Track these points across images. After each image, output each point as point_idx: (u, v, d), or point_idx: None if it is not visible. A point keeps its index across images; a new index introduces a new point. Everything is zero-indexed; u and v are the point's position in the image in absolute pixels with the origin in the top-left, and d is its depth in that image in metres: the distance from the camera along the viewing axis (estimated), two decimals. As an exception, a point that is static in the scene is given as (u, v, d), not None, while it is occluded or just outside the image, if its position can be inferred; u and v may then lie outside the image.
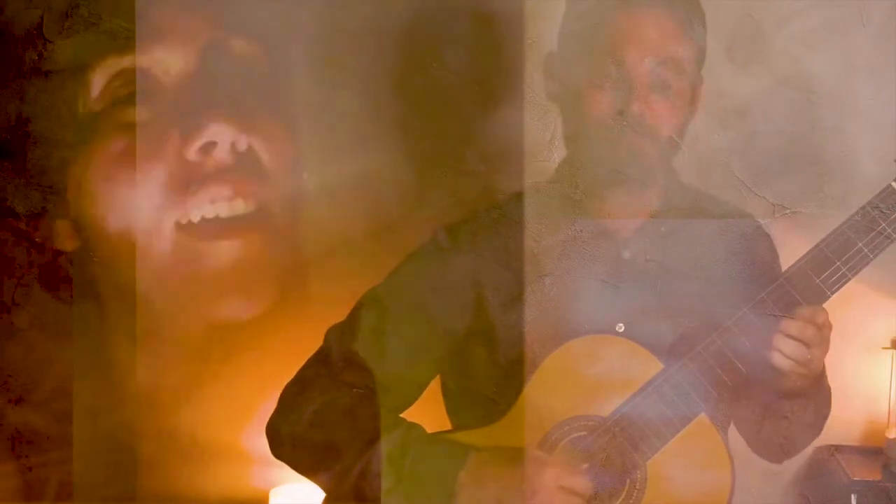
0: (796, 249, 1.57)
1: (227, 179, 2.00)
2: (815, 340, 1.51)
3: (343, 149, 2.08)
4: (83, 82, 1.95)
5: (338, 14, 2.03)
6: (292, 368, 1.68)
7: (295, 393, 1.65)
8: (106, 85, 1.95)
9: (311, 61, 2.06)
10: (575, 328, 1.61)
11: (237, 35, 2.02)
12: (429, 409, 1.70)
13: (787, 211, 1.79)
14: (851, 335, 2.03)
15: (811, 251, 1.54)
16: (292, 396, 1.65)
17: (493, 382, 1.64)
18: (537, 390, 1.59)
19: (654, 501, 1.56)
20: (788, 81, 1.89)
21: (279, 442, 1.64)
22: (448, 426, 1.70)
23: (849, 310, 1.62)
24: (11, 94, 1.95)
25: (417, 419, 1.63)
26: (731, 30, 1.87)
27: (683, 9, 1.61)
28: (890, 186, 1.53)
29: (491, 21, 1.95)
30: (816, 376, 1.58)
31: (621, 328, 1.62)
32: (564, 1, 1.66)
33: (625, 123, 1.58)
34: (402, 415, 1.65)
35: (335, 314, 1.69)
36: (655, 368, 1.57)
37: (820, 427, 1.70)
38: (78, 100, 1.96)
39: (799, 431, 1.68)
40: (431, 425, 1.63)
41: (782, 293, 1.54)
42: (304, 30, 2.05)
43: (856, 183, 1.76)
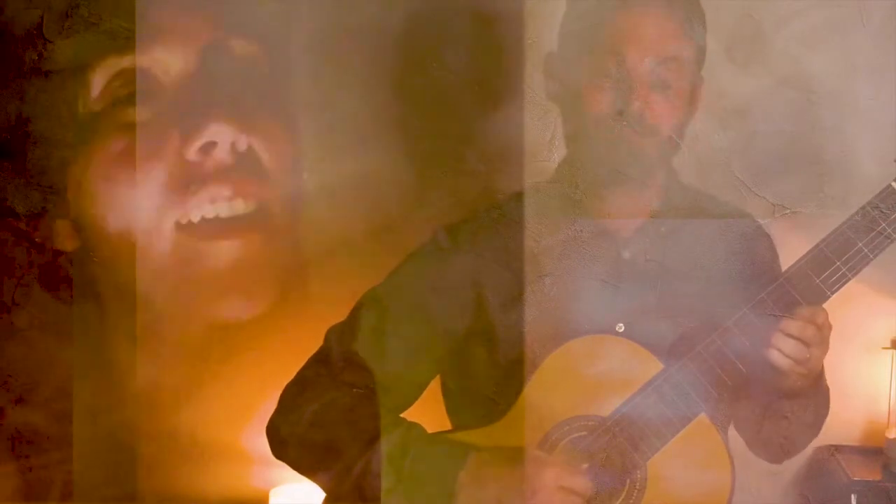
0: (796, 249, 1.57)
1: (227, 179, 2.00)
2: (815, 340, 1.51)
3: (343, 149, 2.08)
4: (83, 82, 1.95)
5: (338, 14, 2.03)
6: (292, 368, 1.68)
7: (295, 393, 1.65)
8: (106, 85, 1.95)
9: (311, 61, 2.06)
10: (575, 328, 1.61)
11: (237, 35, 2.02)
12: (429, 409, 1.70)
13: (787, 211, 1.79)
14: (851, 335, 2.03)
15: (811, 251, 1.54)
16: (292, 396, 1.65)
17: (493, 382, 1.64)
18: (537, 390, 1.59)
19: (654, 501, 1.56)
20: (788, 81, 1.89)
21: (279, 442, 1.64)
22: (448, 426, 1.70)
23: (849, 310, 1.62)
24: (11, 94, 1.95)
25: (417, 419, 1.63)
26: (731, 30, 1.87)
27: (683, 9, 1.61)
28: (890, 186, 1.53)
29: (491, 21, 1.95)
30: (816, 376, 1.59)
31: (621, 328, 1.61)
32: (565, 1, 1.66)
33: (625, 123, 1.58)
34: (402, 415, 1.65)
35: (335, 314, 1.69)
36: (655, 368, 1.57)
37: (819, 427, 1.70)
38: (78, 100, 1.96)
39: (799, 431, 1.68)
40: (431, 425, 1.63)
41: (782, 293, 1.54)
42: (304, 30, 2.05)
43: (856, 183, 1.76)
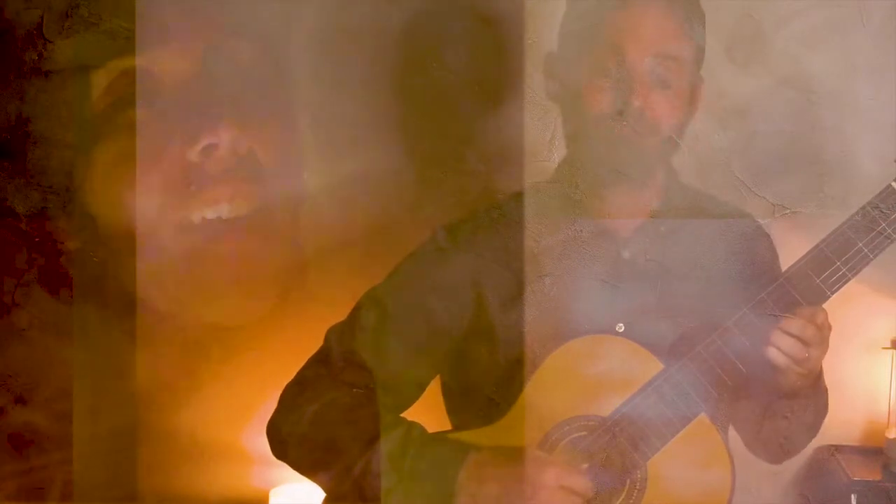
0: (796, 249, 1.57)
1: (228, 181, 2.00)
2: (815, 340, 1.51)
3: (343, 149, 2.08)
4: (86, 82, 1.95)
5: (338, 14, 2.03)
6: (292, 368, 1.68)
7: (295, 393, 1.65)
8: (109, 85, 1.95)
9: (311, 61, 2.06)
10: (575, 328, 1.61)
11: (238, 35, 2.02)
12: (429, 409, 1.70)
13: (787, 211, 1.79)
14: (851, 335, 2.03)
15: (811, 251, 1.54)
16: (293, 396, 1.65)
17: (493, 382, 1.64)
18: (537, 390, 1.59)
19: (654, 501, 1.56)
20: (788, 81, 1.89)
21: (280, 442, 1.64)
22: (448, 426, 1.70)
23: (849, 310, 1.63)
24: (11, 94, 1.95)
25: (417, 419, 1.63)
26: (731, 30, 1.87)
27: (683, 8, 1.62)
28: (890, 186, 1.53)
29: (491, 21, 1.95)
30: (815, 377, 1.59)
31: (621, 328, 1.61)
32: (565, 1, 1.66)
33: (625, 123, 1.58)
34: (403, 415, 1.65)
35: (335, 314, 1.69)
36: (655, 368, 1.57)
37: (818, 428, 1.70)
38: (79, 100, 1.96)
39: (798, 432, 1.68)
40: (431, 425, 1.63)
41: (782, 293, 1.54)
42: (304, 30, 2.05)
43: (856, 183, 1.76)
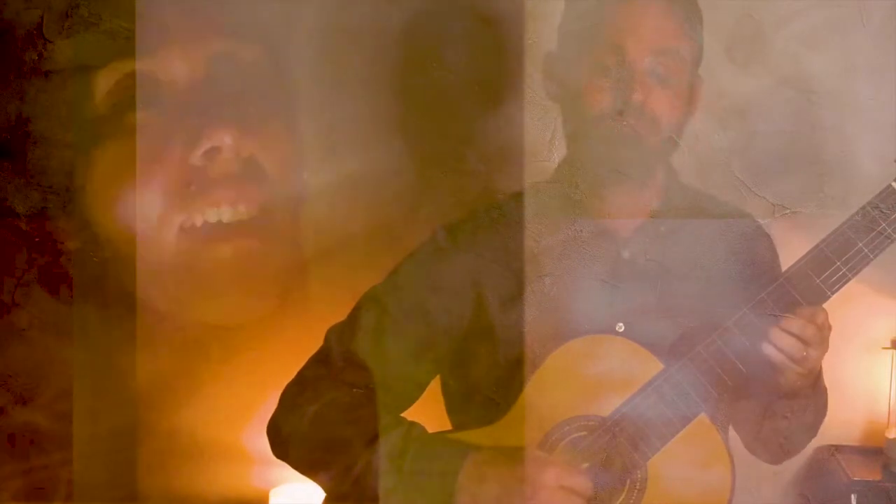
0: (796, 249, 1.57)
1: (230, 184, 1.99)
2: (815, 340, 1.51)
3: (343, 149, 2.08)
4: (86, 83, 1.95)
5: (338, 14, 2.03)
6: (292, 368, 1.68)
7: (295, 393, 1.65)
8: (112, 87, 1.95)
9: (311, 61, 2.06)
10: (575, 328, 1.61)
11: (239, 37, 2.01)
12: (429, 409, 1.70)
13: (787, 211, 1.79)
14: (851, 335, 2.03)
15: (811, 251, 1.54)
16: (293, 396, 1.65)
17: (493, 382, 1.64)
18: (537, 390, 1.59)
19: (654, 501, 1.56)
20: (788, 81, 1.89)
21: (280, 442, 1.64)
22: (448, 426, 1.70)
23: (849, 310, 1.62)
24: (11, 94, 1.95)
25: (417, 419, 1.63)
26: (731, 30, 1.87)
27: (682, 7, 1.62)
28: (890, 186, 1.53)
29: (491, 21, 1.95)
30: (814, 377, 1.59)
31: (621, 328, 1.61)
32: (564, 1, 1.66)
33: (625, 123, 1.58)
34: (403, 414, 1.65)
35: (335, 314, 1.69)
36: (655, 368, 1.57)
37: (817, 428, 1.70)
38: (79, 100, 1.95)
39: (798, 432, 1.68)
40: (431, 425, 1.63)
41: (782, 293, 1.54)
42: (305, 30, 2.05)
43: (856, 183, 1.76)
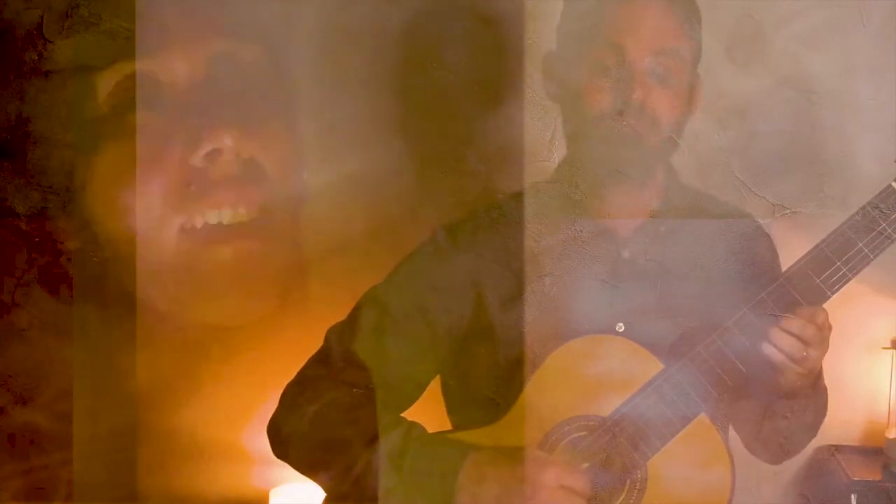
0: (796, 249, 1.57)
1: (231, 186, 1.99)
2: (815, 340, 1.51)
3: (343, 149, 2.08)
4: (86, 83, 1.95)
5: (338, 14, 2.03)
6: (293, 368, 1.68)
7: (296, 393, 1.65)
8: (113, 88, 1.95)
9: (311, 61, 2.06)
10: (575, 328, 1.61)
11: (239, 37, 2.01)
12: (429, 409, 1.70)
13: (787, 211, 1.79)
14: (851, 335, 2.03)
15: (811, 251, 1.54)
16: (293, 396, 1.65)
17: (493, 382, 1.64)
18: (537, 390, 1.59)
19: (654, 501, 1.56)
20: (788, 81, 1.89)
21: (280, 441, 1.64)
22: (448, 426, 1.70)
23: (849, 310, 1.62)
24: (11, 94, 1.95)
25: (417, 419, 1.63)
26: (731, 30, 1.87)
27: (682, 6, 1.62)
28: (890, 186, 1.53)
29: (491, 21, 1.95)
30: (815, 377, 1.58)
31: (621, 328, 1.61)
32: (563, 1, 1.66)
33: (625, 123, 1.58)
34: (403, 414, 1.65)
35: (335, 314, 1.69)
36: (655, 368, 1.57)
37: (817, 428, 1.70)
38: (79, 100, 1.95)
39: (798, 432, 1.68)
40: (431, 425, 1.63)
41: (782, 293, 1.54)
42: (305, 30, 2.05)
43: (856, 183, 1.76)
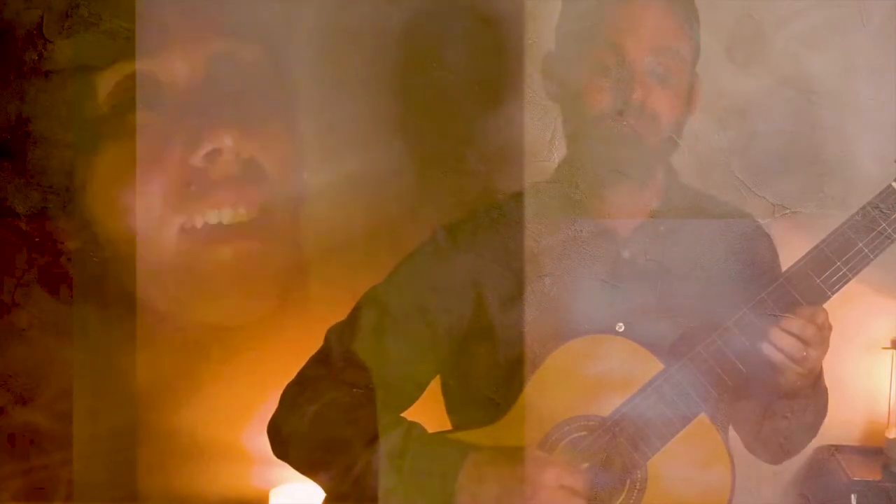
0: (796, 249, 1.57)
1: (231, 186, 1.99)
2: (815, 340, 1.51)
3: (343, 149, 2.08)
4: (86, 83, 1.95)
5: (338, 14, 2.03)
6: (293, 368, 1.68)
7: (296, 393, 1.65)
8: (114, 88, 1.94)
9: (311, 61, 2.06)
10: (575, 328, 1.61)
11: (239, 37, 2.01)
12: (429, 409, 1.70)
13: (787, 211, 1.79)
14: (851, 335, 2.03)
15: (811, 251, 1.54)
16: (293, 396, 1.65)
17: (493, 382, 1.64)
18: (537, 390, 1.59)
19: (654, 501, 1.56)
20: (788, 81, 1.89)
21: (280, 441, 1.64)
22: (448, 426, 1.70)
23: (849, 310, 1.62)
24: (11, 94, 1.95)
25: (417, 419, 1.63)
26: (731, 30, 1.87)
27: (681, 6, 1.62)
28: (890, 186, 1.53)
29: (491, 21, 1.95)
30: (815, 377, 1.58)
31: (621, 328, 1.61)
32: (561, 1, 1.66)
33: (625, 123, 1.58)
34: (403, 414, 1.65)
35: (335, 314, 1.69)
36: (655, 368, 1.57)
37: (818, 428, 1.70)
38: (79, 100, 1.95)
39: (798, 432, 1.68)
40: (431, 425, 1.63)
41: (782, 293, 1.54)
42: (305, 30, 2.04)
43: (856, 183, 1.76)
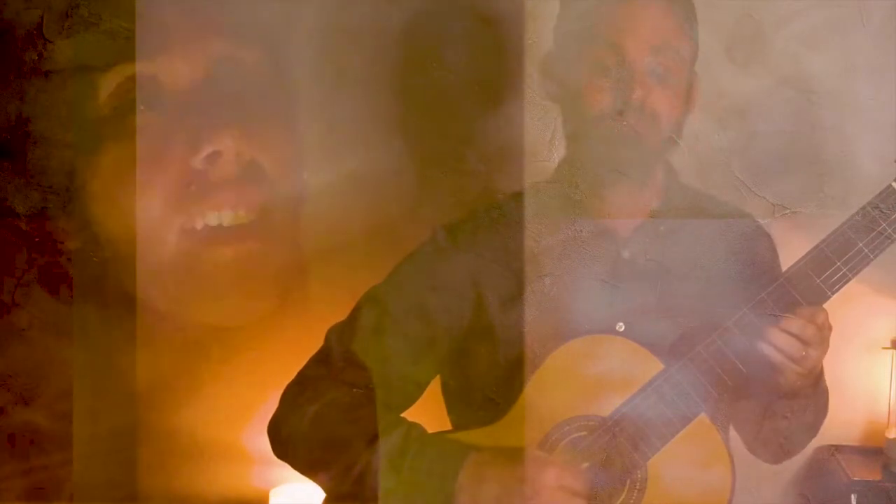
0: (796, 249, 1.57)
1: (231, 188, 1.99)
2: (815, 340, 1.51)
3: (343, 149, 2.08)
4: (86, 83, 1.95)
5: (338, 14, 2.03)
6: (293, 368, 1.68)
7: (296, 393, 1.65)
8: (115, 89, 1.94)
9: (311, 61, 2.06)
10: (575, 328, 1.61)
11: (239, 37, 2.01)
12: (429, 409, 1.70)
13: (787, 211, 1.79)
14: (851, 335, 2.03)
15: (811, 251, 1.54)
16: (293, 396, 1.65)
17: (493, 382, 1.64)
18: (537, 390, 1.59)
19: (654, 501, 1.56)
20: (788, 81, 1.89)
21: (280, 442, 1.64)
22: (448, 426, 1.70)
23: (849, 310, 1.62)
24: (11, 94, 1.95)
25: (417, 419, 1.63)
26: (731, 30, 1.87)
27: (681, 6, 1.62)
28: (890, 186, 1.53)
29: (491, 21, 1.95)
30: (815, 377, 1.58)
31: (621, 328, 1.61)
32: (559, 1, 1.66)
33: (625, 122, 1.58)
34: (403, 415, 1.65)
35: (335, 314, 1.69)
36: (655, 368, 1.57)
37: (818, 428, 1.70)
38: (79, 100, 1.95)
39: (798, 432, 1.68)
40: (431, 425, 1.63)
41: (782, 293, 1.54)
42: (305, 30, 2.05)
43: (856, 183, 1.76)
